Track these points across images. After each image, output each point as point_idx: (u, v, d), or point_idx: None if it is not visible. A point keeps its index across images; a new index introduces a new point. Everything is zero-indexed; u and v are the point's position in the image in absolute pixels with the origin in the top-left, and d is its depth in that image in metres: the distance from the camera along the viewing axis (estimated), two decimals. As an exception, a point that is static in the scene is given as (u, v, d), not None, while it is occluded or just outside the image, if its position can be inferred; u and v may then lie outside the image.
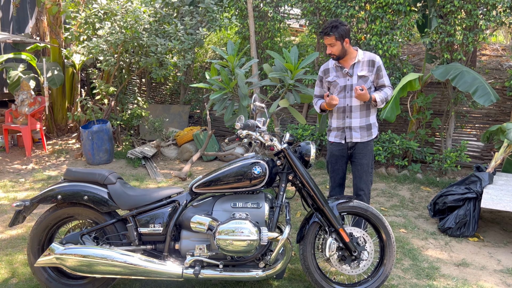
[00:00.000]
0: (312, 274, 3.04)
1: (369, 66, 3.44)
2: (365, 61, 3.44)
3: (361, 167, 3.55)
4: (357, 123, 3.48)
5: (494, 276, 3.47)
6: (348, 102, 3.47)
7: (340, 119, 3.53)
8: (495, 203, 3.93)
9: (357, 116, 3.47)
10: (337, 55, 3.40)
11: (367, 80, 3.44)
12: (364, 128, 3.49)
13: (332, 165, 3.67)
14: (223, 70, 4.34)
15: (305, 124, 6.99)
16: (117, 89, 7.39)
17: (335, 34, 3.33)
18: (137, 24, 6.35)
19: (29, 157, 7.06)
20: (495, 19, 5.48)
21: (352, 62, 3.44)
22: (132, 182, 5.82)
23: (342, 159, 3.62)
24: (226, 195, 3.02)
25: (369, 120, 3.51)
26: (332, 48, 3.38)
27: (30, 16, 9.40)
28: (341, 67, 3.48)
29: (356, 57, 3.43)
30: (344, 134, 3.53)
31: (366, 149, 3.53)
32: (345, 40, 3.36)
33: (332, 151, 3.63)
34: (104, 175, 3.02)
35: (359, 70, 3.43)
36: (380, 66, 3.47)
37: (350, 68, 3.45)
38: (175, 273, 2.83)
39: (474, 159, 6.16)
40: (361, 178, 3.57)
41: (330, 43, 3.36)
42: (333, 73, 3.53)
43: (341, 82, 3.48)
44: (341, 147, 3.57)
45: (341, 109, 3.51)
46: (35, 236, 3.03)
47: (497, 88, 6.21)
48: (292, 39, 9.74)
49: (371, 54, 3.49)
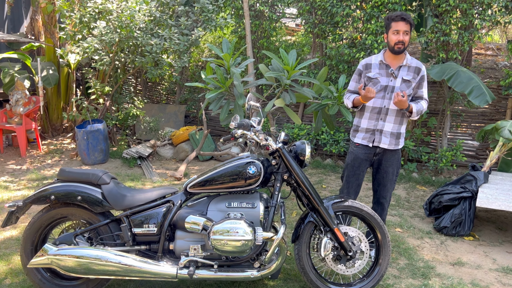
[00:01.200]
0: (308, 274, 3.03)
1: (414, 73, 3.26)
2: (412, 66, 3.27)
3: (386, 175, 3.41)
4: (389, 128, 3.29)
5: (489, 275, 3.48)
6: (386, 103, 3.27)
7: (373, 120, 3.33)
8: (491, 202, 3.93)
9: (392, 120, 3.29)
10: (405, 46, 3.17)
11: (410, 86, 3.26)
12: (394, 135, 3.32)
13: (354, 169, 3.45)
14: (218, 69, 4.33)
15: (301, 124, 6.99)
16: (112, 88, 7.35)
17: (412, 22, 3.16)
18: (132, 24, 6.32)
19: (24, 157, 7.01)
20: (491, 19, 5.49)
21: (399, 63, 3.25)
22: (128, 182, 5.79)
23: (365, 164, 3.43)
24: (221, 195, 3.00)
25: (401, 129, 3.34)
26: (406, 37, 3.15)
27: (24, 16, 9.34)
28: (387, 65, 3.27)
29: (405, 60, 3.26)
30: (373, 137, 3.34)
31: (394, 158, 3.39)
32: (409, 36, 3.21)
33: (357, 154, 3.42)
34: (97, 175, 3.00)
35: (405, 74, 3.25)
36: (424, 76, 3.30)
37: (396, 69, 3.25)
38: (170, 273, 2.81)
39: (469, 158, 6.17)
40: (385, 186, 3.44)
41: (406, 29, 3.14)
42: (376, 69, 3.31)
43: (383, 81, 3.27)
44: (367, 150, 3.38)
45: (376, 110, 3.31)
46: (28, 237, 3.00)
47: (492, 87, 6.23)
48: (288, 38, 9.73)
49: (418, 61, 3.30)
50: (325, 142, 6.57)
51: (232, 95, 4.50)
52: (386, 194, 3.46)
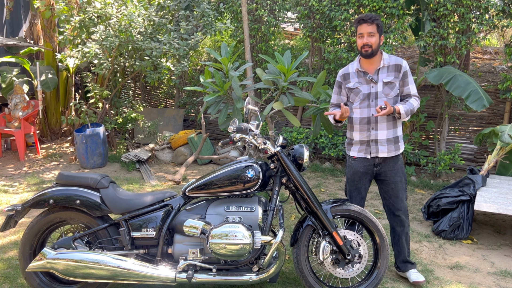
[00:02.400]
0: (306, 278, 3.03)
1: (395, 71, 3.06)
2: (391, 65, 3.06)
3: (395, 185, 3.17)
4: (383, 135, 3.09)
5: (488, 278, 3.48)
6: (373, 111, 3.07)
7: (364, 132, 3.13)
8: (489, 206, 3.94)
9: (384, 127, 3.09)
10: (373, 49, 2.99)
11: (393, 87, 3.06)
12: (392, 141, 3.11)
13: (355, 183, 3.24)
14: (217, 73, 4.34)
15: (300, 127, 7.00)
16: (111, 92, 7.36)
17: (378, 23, 2.99)
18: (132, 28, 6.33)
19: (23, 161, 7.01)
20: (488, 23, 5.52)
21: (377, 66, 3.07)
22: (126, 186, 5.79)
23: (366, 177, 3.22)
24: (219, 199, 3.01)
25: (397, 132, 3.13)
26: (371, 39, 2.98)
27: (23, 20, 9.36)
28: (364, 72, 3.09)
29: (381, 61, 3.06)
30: (369, 148, 3.13)
31: (396, 165, 3.16)
32: (381, 37, 3.05)
33: (356, 168, 3.21)
34: (96, 179, 3.00)
35: (385, 76, 3.05)
36: (407, 72, 3.08)
37: (374, 74, 3.07)
38: (168, 277, 2.82)
39: (467, 162, 6.18)
40: (397, 197, 3.19)
41: (370, 31, 2.97)
42: (355, 78, 3.13)
43: (364, 89, 3.09)
44: (366, 163, 3.17)
45: (364, 120, 3.12)
46: (27, 241, 3.00)
47: (490, 91, 6.25)
48: (287, 42, 9.76)
49: (397, 57, 3.10)
50: (324, 146, 6.58)
51: (230, 99, 4.51)
52: (400, 205, 3.22)
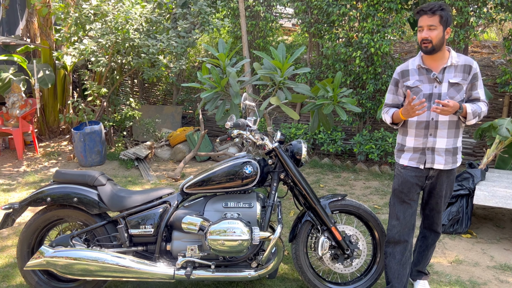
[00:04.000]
0: (305, 273, 3.03)
1: (464, 73, 2.66)
2: (460, 65, 2.66)
3: (441, 201, 2.87)
4: (443, 144, 2.70)
5: (487, 272, 3.48)
6: (433, 115, 2.68)
7: (421, 137, 2.73)
8: (488, 200, 3.93)
9: (444, 135, 2.69)
10: (433, 44, 2.58)
11: (460, 89, 2.65)
12: (450, 152, 2.72)
13: (403, 196, 2.83)
14: (214, 69, 4.32)
15: (298, 123, 6.99)
16: (109, 90, 7.34)
17: (441, 13, 2.56)
18: (128, 25, 6.31)
19: (21, 159, 7.00)
20: (486, 16, 5.50)
21: (443, 65, 2.66)
22: (125, 183, 5.78)
23: (416, 189, 2.82)
24: (217, 195, 3.00)
25: (457, 142, 2.74)
26: (431, 33, 2.57)
27: (20, 18, 9.32)
28: (428, 69, 2.69)
29: (449, 59, 2.66)
30: (424, 158, 2.74)
31: (449, 180, 2.81)
32: (447, 30, 2.61)
33: (406, 177, 2.80)
34: (94, 177, 2.99)
35: (452, 76, 2.65)
36: (477, 74, 2.69)
37: (439, 72, 2.66)
38: (167, 274, 2.81)
39: (466, 156, 6.18)
40: (439, 212, 2.92)
41: (431, 24, 2.56)
42: (415, 76, 2.73)
43: (425, 88, 2.69)
44: (419, 173, 2.78)
45: (423, 124, 2.72)
46: (25, 239, 2.99)
47: (488, 84, 6.24)
48: (285, 38, 9.74)
49: (467, 57, 2.70)
50: (322, 142, 6.57)
51: (228, 95, 4.49)
52: (439, 220, 2.97)
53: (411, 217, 2.84)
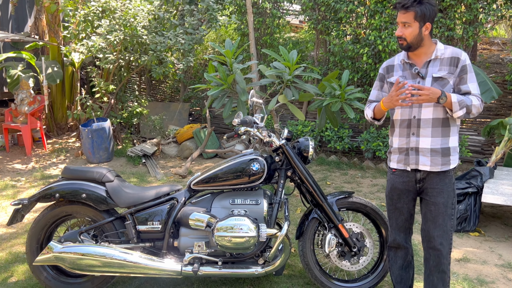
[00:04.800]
0: (312, 270, 3.03)
1: (451, 66, 2.44)
2: (445, 58, 2.45)
3: (435, 208, 2.53)
4: (427, 143, 2.48)
5: (495, 270, 3.46)
6: (415, 113, 2.50)
7: (404, 137, 2.57)
8: (496, 198, 3.91)
9: (428, 134, 2.48)
10: (408, 42, 2.43)
11: (445, 84, 2.44)
12: (438, 153, 2.47)
13: (394, 202, 2.69)
14: (220, 66, 4.32)
15: (305, 121, 6.98)
16: (116, 87, 7.37)
17: (415, 10, 2.37)
18: (136, 22, 6.32)
19: (29, 156, 7.05)
20: (495, 13, 5.45)
21: (427, 58, 2.48)
22: (132, 180, 5.81)
23: (407, 195, 2.63)
24: (224, 192, 3.01)
25: (447, 142, 2.49)
26: (405, 30, 2.41)
27: (29, 15, 9.38)
28: (411, 64, 2.52)
29: (434, 53, 2.46)
30: (407, 158, 2.56)
31: (442, 183, 2.51)
32: (426, 25, 2.41)
33: (394, 183, 2.66)
34: (102, 173, 3.01)
35: (436, 70, 2.45)
36: (466, 66, 2.44)
37: (423, 67, 2.49)
38: (174, 270, 2.82)
39: (475, 154, 6.14)
40: (435, 223, 2.53)
41: (404, 21, 2.40)
42: (399, 71, 2.58)
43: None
44: (406, 177, 2.60)
45: (405, 123, 2.55)
46: (34, 235, 3.02)
47: (497, 82, 6.18)
48: (292, 35, 9.71)
49: (454, 49, 2.49)
50: (330, 139, 6.55)
51: (235, 92, 4.49)
52: (438, 234, 2.52)
53: (404, 223, 2.71)
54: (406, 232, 2.74)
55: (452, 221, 2.53)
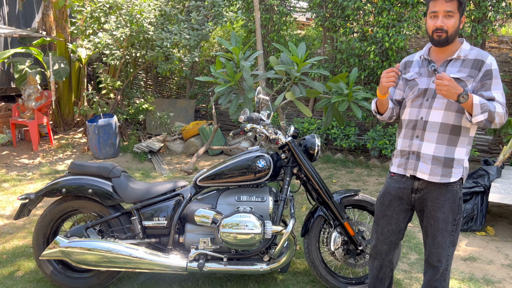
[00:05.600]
0: (317, 268, 3.02)
1: (473, 68, 2.19)
2: (469, 59, 2.20)
3: (434, 223, 2.31)
4: (429, 149, 2.25)
5: (502, 270, 3.44)
6: (423, 114, 2.27)
7: (407, 139, 2.35)
8: (503, 197, 3.88)
9: (433, 139, 2.24)
10: (448, 34, 2.16)
11: (463, 87, 2.11)
12: (440, 162, 2.23)
13: (383, 208, 2.47)
14: (228, 63, 4.31)
15: (311, 118, 6.96)
16: (123, 83, 7.39)
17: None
18: (143, 18, 6.33)
19: (36, 151, 7.09)
20: (505, 11, 5.39)
21: (449, 56, 2.24)
22: (138, 176, 5.83)
23: (399, 203, 2.42)
24: (230, 189, 3.00)
25: (453, 152, 2.23)
26: (447, 21, 2.15)
27: (36, 11, 9.41)
28: (430, 61, 2.29)
29: (457, 52, 2.22)
30: (407, 163, 2.35)
31: (444, 198, 2.26)
32: (462, 18, 2.21)
33: (389, 187, 2.46)
34: (108, 169, 3.02)
35: (455, 71, 2.21)
36: (491, 72, 2.17)
37: (441, 65, 2.25)
38: (180, 266, 2.83)
39: (482, 153, 6.10)
40: (434, 238, 2.33)
41: (448, 10, 2.13)
42: (416, 68, 2.36)
43: (422, 83, 2.30)
44: (403, 184, 2.38)
45: (411, 124, 2.33)
46: (40, 229, 3.04)
47: (506, 81, 6.13)
48: (299, 32, 9.68)
49: (481, 51, 2.24)
50: (336, 137, 6.54)
51: (241, 89, 4.49)
52: (436, 251, 2.33)
53: (390, 235, 2.47)
54: (391, 246, 2.51)
55: (453, 237, 2.31)
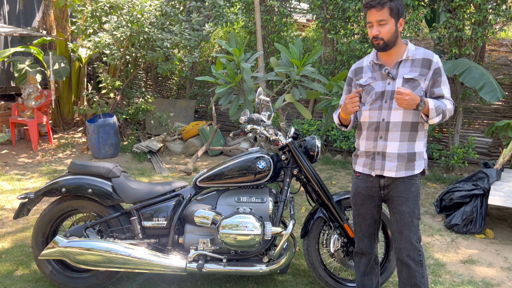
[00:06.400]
0: (316, 270, 3.02)
1: (422, 67, 2.33)
2: (417, 59, 2.34)
3: (400, 218, 2.41)
4: (394, 148, 2.36)
5: (501, 273, 3.44)
6: (384, 115, 2.37)
7: (371, 140, 2.44)
8: (503, 200, 3.88)
9: (396, 137, 2.36)
10: (385, 41, 2.28)
11: (417, 86, 2.32)
12: (404, 158, 2.36)
13: (357, 208, 2.58)
14: (228, 64, 4.32)
15: (311, 119, 6.96)
16: (123, 83, 7.39)
17: (391, 5, 2.25)
18: (143, 18, 6.33)
19: (36, 150, 7.09)
20: (505, 14, 5.40)
21: (398, 58, 2.36)
22: (138, 176, 5.82)
23: (371, 201, 2.53)
24: (230, 189, 3.00)
25: (414, 147, 2.38)
26: (382, 28, 2.27)
27: (37, 10, 9.42)
28: (381, 65, 2.40)
29: (405, 53, 2.35)
30: (373, 163, 2.45)
31: (408, 191, 2.38)
32: (400, 21, 2.31)
33: (358, 188, 2.55)
34: (108, 168, 3.02)
35: (407, 71, 2.33)
36: (439, 69, 2.34)
37: (393, 67, 2.37)
38: (179, 266, 2.83)
39: (481, 156, 6.10)
40: (401, 233, 2.41)
41: (380, 19, 2.25)
42: (368, 73, 2.46)
43: (378, 86, 2.39)
44: (370, 183, 2.48)
45: (373, 126, 2.42)
46: (40, 229, 3.03)
47: (506, 84, 6.14)
48: (299, 33, 9.69)
49: (426, 50, 2.38)
50: (335, 138, 6.54)
51: (241, 90, 4.49)
52: (405, 246, 2.41)
53: (368, 229, 2.59)
54: (371, 238, 2.62)
55: (419, 232, 2.43)
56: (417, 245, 2.40)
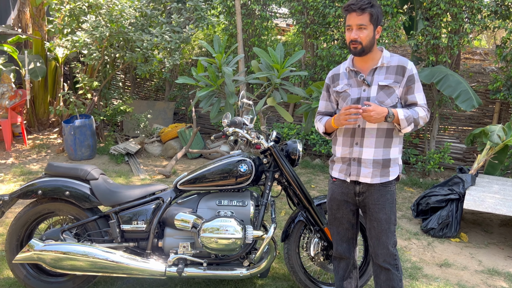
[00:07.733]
0: (297, 273, 3.03)
1: (397, 74, 2.36)
2: (392, 66, 2.37)
3: (378, 224, 2.44)
4: (369, 154, 2.39)
5: (475, 276, 3.51)
6: (360, 122, 2.39)
7: (347, 147, 2.46)
8: (477, 205, 3.98)
9: (371, 144, 2.39)
10: (363, 45, 2.31)
11: (391, 93, 2.35)
12: (379, 164, 2.40)
13: (334, 212, 2.60)
14: (210, 67, 4.30)
15: (291, 123, 7.00)
16: (100, 83, 7.27)
17: (371, 11, 2.28)
18: (123, 18, 6.25)
19: (9, 151, 6.90)
20: (480, 23, 5.56)
21: (373, 65, 2.39)
22: (115, 178, 5.73)
23: (346, 206, 2.55)
24: (211, 193, 2.98)
25: (389, 153, 2.41)
26: (361, 33, 2.29)
27: (12, 7, 9.19)
28: (356, 72, 2.42)
29: (380, 60, 2.38)
30: (349, 169, 2.47)
31: (384, 199, 2.43)
32: (378, 29, 2.35)
33: (333, 193, 2.57)
34: (86, 171, 2.96)
35: (382, 78, 2.36)
36: (413, 76, 2.37)
37: (368, 74, 2.39)
38: (158, 271, 2.79)
39: (457, 161, 6.24)
40: (378, 239, 2.46)
41: (360, 23, 2.28)
42: (344, 80, 2.47)
43: (353, 93, 2.41)
44: (345, 188, 2.51)
45: (349, 132, 2.45)
46: (14, 232, 2.95)
47: (480, 91, 6.31)
48: (279, 37, 9.74)
49: (401, 57, 2.41)
50: (315, 142, 6.58)
51: (223, 93, 4.48)
52: (382, 252, 2.46)
53: (345, 233, 2.62)
54: (349, 242, 2.64)
55: (395, 238, 2.48)
56: (393, 250, 2.47)
